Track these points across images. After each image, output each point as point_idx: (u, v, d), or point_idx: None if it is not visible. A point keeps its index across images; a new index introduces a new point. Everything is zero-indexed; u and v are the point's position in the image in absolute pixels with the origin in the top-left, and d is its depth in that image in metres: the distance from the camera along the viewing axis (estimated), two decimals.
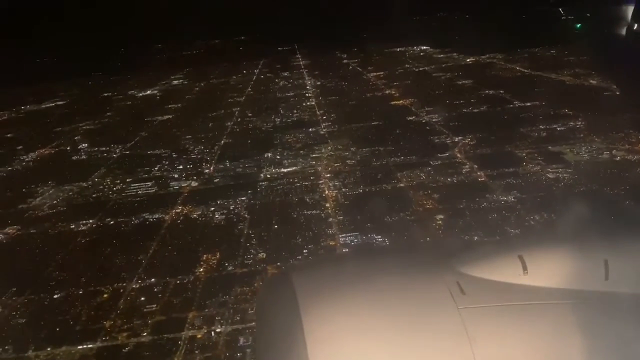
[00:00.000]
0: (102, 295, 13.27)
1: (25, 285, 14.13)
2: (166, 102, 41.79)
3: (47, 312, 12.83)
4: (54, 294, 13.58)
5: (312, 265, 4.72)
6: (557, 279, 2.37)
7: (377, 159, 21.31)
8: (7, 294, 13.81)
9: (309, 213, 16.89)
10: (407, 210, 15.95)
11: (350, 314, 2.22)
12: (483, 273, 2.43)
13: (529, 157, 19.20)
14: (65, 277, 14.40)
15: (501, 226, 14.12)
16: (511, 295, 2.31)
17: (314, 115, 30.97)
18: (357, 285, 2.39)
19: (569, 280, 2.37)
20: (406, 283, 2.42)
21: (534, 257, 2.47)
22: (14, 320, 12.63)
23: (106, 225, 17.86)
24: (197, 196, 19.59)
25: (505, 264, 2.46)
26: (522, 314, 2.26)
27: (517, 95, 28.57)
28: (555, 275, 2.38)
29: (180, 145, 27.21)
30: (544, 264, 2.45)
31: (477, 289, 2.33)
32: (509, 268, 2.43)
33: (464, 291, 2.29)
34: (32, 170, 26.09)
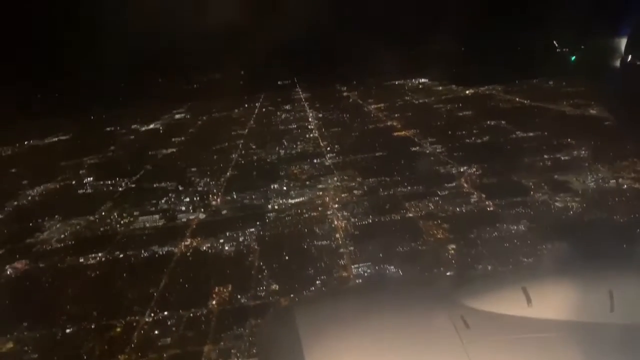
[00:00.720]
0: (115, 329, 13.17)
1: (36, 320, 14.02)
2: (169, 135, 42.04)
3: (59, 347, 12.73)
4: (66, 328, 13.47)
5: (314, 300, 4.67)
6: (562, 311, 2.34)
7: (384, 189, 21.43)
8: (18, 329, 13.67)
9: (319, 244, 16.90)
10: (418, 240, 15.99)
11: (353, 350, 2.20)
12: (487, 306, 2.42)
13: (535, 186, 19.34)
14: (76, 311, 14.29)
15: (514, 255, 14.14)
16: (516, 329, 2.29)
17: (317, 147, 31.21)
18: (359, 321, 2.38)
19: (574, 312, 2.33)
20: (410, 318, 2.43)
21: (538, 288, 2.44)
22: (27, 355, 12.52)
23: (116, 258, 17.81)
24: (205, 228, 19.60)
25: (509, 296, 2.45)
26: (528, 348, 2.23)
27: (518, 126, 28.87)
28: (560, 307, 2.35)
29: (186, 178, 27.29)
30: (548, 295, 2.43)
31: (481, 323, 2.31)
32: (513, 300, 2.41)
33: (468, 325, 2.27)
34: (39, 204, 26.09)
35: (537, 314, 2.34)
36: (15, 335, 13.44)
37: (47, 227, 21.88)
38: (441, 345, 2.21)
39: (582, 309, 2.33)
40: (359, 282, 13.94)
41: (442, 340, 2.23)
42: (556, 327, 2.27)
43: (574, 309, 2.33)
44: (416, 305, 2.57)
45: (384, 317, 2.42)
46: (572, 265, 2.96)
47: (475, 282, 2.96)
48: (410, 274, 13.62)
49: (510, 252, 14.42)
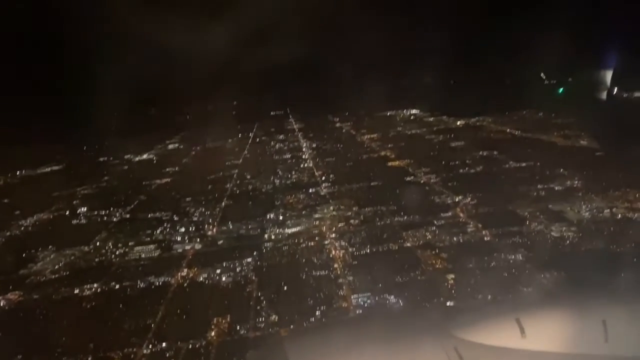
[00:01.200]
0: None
1: (31, 352, 13.80)
2: (163, 166, 42.06)
3: None
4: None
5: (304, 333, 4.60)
6: (555, 342, 2.33)
7: (380, 219, 21.51)
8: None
9: (317, 274, 16.86)
10: (417, 270, 16.01)
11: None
12: (481, 338, 2.41)
13: (531, 215, 19.52)
14: (72, 344, 14.03)
15: (513, 285, 14.19)
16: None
17: (312, 177, 31.36)
18: (352, 352, 2.39)
19: (568, 343, 2.32)
20: (403, 349, 2.41)
21: (531, 319, 2.45)
22: None
23: (111, 289, 17.62)
24: (201, 258, 19.51)
25: (502, 327, 2.45)
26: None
27: (511, 156, 29.28)
28: (554, 338, 2.35)
29: (181, 208, 27.22)
30: (541, 326, 2.43)
31: (475, 355, 2.30)
32: (506, 332, 2.41)
33: (462, 356, 2.27)
34: (32, 235, 25.85)
35: (531, 345, 2.32)
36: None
37: (41, 257, 21.65)
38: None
39: (576, 339, 2.32)
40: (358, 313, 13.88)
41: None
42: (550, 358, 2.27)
43: (568, 340, 2.31)
44: (409, 337, 2.53)
45: (377, 349, 2.38)
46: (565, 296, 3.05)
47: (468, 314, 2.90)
48: (411, 304, 13.59)
49: (509, 281, 14.45)
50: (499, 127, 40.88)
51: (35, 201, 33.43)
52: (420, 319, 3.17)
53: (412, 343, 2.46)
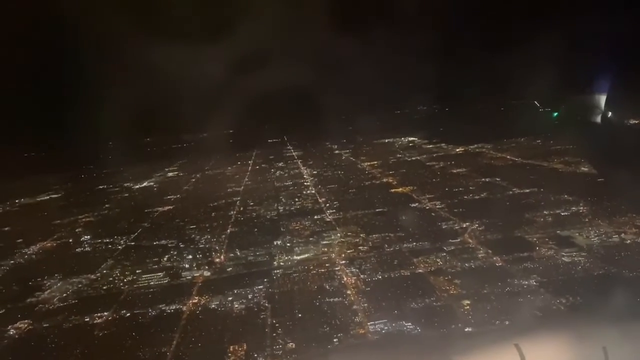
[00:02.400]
0: None
1: None
2: (164, 193, 42.11)
3: None
4: None
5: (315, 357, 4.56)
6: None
7: (389, 245, 21.55)
8: None
9: (331, 300, 16.82)
10: (431, 296, 16.02)
11: None
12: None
13: (540, 241, 19.65)
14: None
15: (529, 310, 14.22)
16: None
17: (316, 203, 31.45)
18: None
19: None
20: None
21: (530, 345, 2.43)
22: None
23: (122, 317, 17.47)
24: (212, 286, 19.43)
25: (502, 353, 2.44)
26: None
27: (513, 183, 29.54)
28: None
29: (186, 235, 27.19)
30: (541, 352, 2.41)
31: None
32: (506, 357, 2.40)
33: None
34: (36, 263, 25.68)
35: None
36: None
37: (48, 286, 21.50)
38: None
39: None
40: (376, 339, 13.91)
41: None
42: None
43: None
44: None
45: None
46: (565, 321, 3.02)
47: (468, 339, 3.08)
48: (429, 331, 13.56)
49: (525, 307, 14.47)
50: (499, 154, 41.30)
51: (37, 229, 33.33)
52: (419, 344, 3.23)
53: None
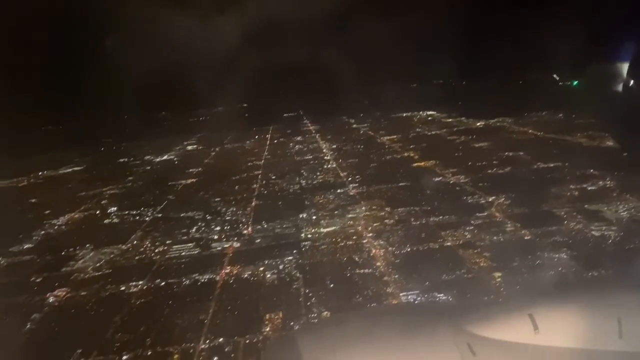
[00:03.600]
0: (172, 356, 13.27)
1: (90, 347, 14.08)
2: (185, 166, 42.46)
3: None
4: (122, 355, 13.55)
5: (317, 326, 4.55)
6: (569, 338, 2.33)
7: (415, 219, 21.72)
8: (73, 356, 13.73)
9: (361, 272, 17.11)
10: (462, 269, 16.22)
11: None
12: (493, 333, 2.43)
13: (568, 215, 19.69)
14: (129, 339, 14.38)
15: (562, 282, 14.36)
16: (523, 356, 2.30)
17: (338, 177, 31.63)
18: (364, 346, 2.42)
19: (581, 340, 2.31)
20: (416, 343, 2.44)
21: (544, 315, 2.45)
22: None
23: (157, 286, 17.94)
24: (242, 257, 19.79)
25: (515, 323, 2.46)
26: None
27: (537, 157, 29.44)
28: (568, 334, 2.35)
29: (212, 208, 27.55)
30: (555, 322, 2.42)
31: (487, 350, 2.33)
32: (519, 328, 2.41)
33: (474, 352, 2.30)
34: (66, 233, 26.24)
35: (544, 341, 2.32)
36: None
37: (81, 256, 22.00)
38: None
39: (590, 335, 2.30)
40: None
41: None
42: (563, 354, 2.26)
43: (582, 336, 2.30)
44: (422, 332, 2.54)
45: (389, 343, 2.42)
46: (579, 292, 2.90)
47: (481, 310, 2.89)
48: (462, 302, 13.77)
49: (557, 279, 14.62)
50: (521, 128, 40.99)
51: (63, 201, 33.93)
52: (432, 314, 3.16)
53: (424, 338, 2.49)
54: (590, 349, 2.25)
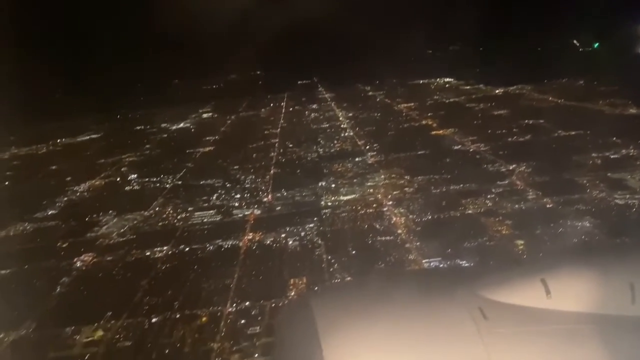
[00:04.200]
0: (200, 318, 13.59)
1: (119, 310, 14.45)
2: (202, 134, 42.58)
3: (150, 335, 13.16)
4: (151, 318, 13.89)
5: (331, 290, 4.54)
6: (581, 303, 2.31)
7: (435, 187, 21.72)
8: (104, 318, 14.13)
9: (383, 239, 17.24)
10: (484, 236, 16.28)
11: (369, 340, 2.21)
12: (505, 297, 2.40)
13: (590, 184, 19.56)
14: (157, 302, 14.73)
15: (577, 249, 14.33)
16: (534, 320, 2.27)
17: (355, 146, 31.57)
18: (376, 309, 2.39)
19: (594, 304, 2.30)
20: (427, 308, 2.42)
21: (557, 280, 2.41)
22: (120, 343, 12.95)
23: (182, 252, 18.26)
24: (264, 223, 20.02)
25: (527, 288, 2.42)
26: (546, 339, 2.21)
27: (558, 125, 29.04)
28: (580, 298, 2.32)
29: (231, 175, 27.75)
30: (567, 287, 2.39)
31: (499, 314, 2.29)
32: (531, 292, 2.38)
33: (486, 316, 2.26)
34: (89, 200, 26.66)
35: (556, 306, 2.31)
36: (102, 324, 13.87)
37: (104, 222, 22.39)
38: (458, 335, 2.21)
39: (602, 300, 2.30)
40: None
41: (459, 331, 2.22)
42: (575, 319, 2.25)
43: (593, 301, 2.30)
44: (434, 296, 2.54)
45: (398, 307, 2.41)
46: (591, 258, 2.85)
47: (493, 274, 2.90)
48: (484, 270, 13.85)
49: (580, 247, 14.60)
50: (541, 95, 40.36)
51: (84, 168, 34.32)
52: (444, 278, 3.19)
53: (435, 301, 2.48)
54: (601, 313, 2.26)
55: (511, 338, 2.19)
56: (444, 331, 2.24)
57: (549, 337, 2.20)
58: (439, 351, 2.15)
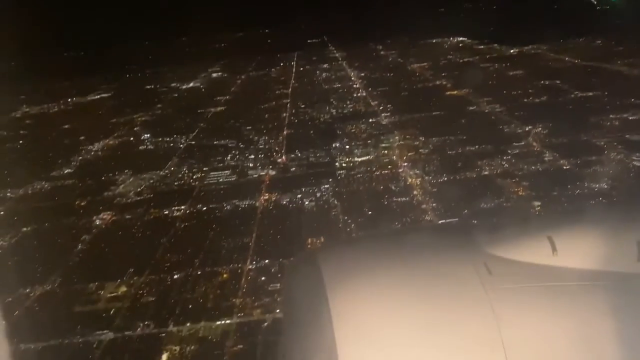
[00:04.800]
0: (221, 275, 13.88)
1: (141, 267, 14.78)
2: (213, 94, 42.36)
3: (173, 290, 13.49)
4: (173, 274, 14.21)
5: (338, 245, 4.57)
6: (587, 260, 2.30)
7: (450, 148, 21.66)
8: (126, 274, 14.46)
9: (399, 200, 17.35)
10: (500, 198, 16.34)
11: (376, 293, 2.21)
12: (511, 254, 2.38)
13: (608, 145, 19.44)
14: (178, 259, 15.03)
15: (587, 207, 14.38)
16: (540, 277, 2.26)
17: (369, 106, 31.36)
18: (383, 265, 2.39)
19: (599, 262, 2.29)
20: (433, 263, 2.41)
21: (563, 238, 2.38)
22: (144, 298, 13.29)
23: (199, 211, 18.49)
24: (279, 184, 20.15)
25: (534, 244, 2.41)
26: (551, 296, 2.21)
27: (575, 86, 28.66)
28: (586, 256, 2.31)
29: (244, 136, 27.76)
30: (574, 245, 2.37)
31: (504, 270, 2.29)
32: (537, 249, 2.37)
33: (491, 272, 2.25)
34: (104, 159, 26.86)
35: (561, 263, 2.30)
36: (125, 280, 14.21)
37: (121, 181, 22.60)
38: (462, 291, 2.21)
39: (608, 258, 2.29)
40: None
41: (463, 287, 2.23)
42: (580, 276, 2.25)
43: (598, 259, 2.29)
44: (440, 251, 2.53)
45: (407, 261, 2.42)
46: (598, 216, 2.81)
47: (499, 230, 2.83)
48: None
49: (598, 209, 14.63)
50: (557, 55, 39.62)
51: (96, 127, 34.43)
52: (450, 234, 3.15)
53: (441, 257, 2.47)
54: (607, 270, 2.25)
55: (515, 293, 2.20)
56: (448, 286, 2.25)
57: (553, 293, 2.21)
58: (443, 305, 2.17)
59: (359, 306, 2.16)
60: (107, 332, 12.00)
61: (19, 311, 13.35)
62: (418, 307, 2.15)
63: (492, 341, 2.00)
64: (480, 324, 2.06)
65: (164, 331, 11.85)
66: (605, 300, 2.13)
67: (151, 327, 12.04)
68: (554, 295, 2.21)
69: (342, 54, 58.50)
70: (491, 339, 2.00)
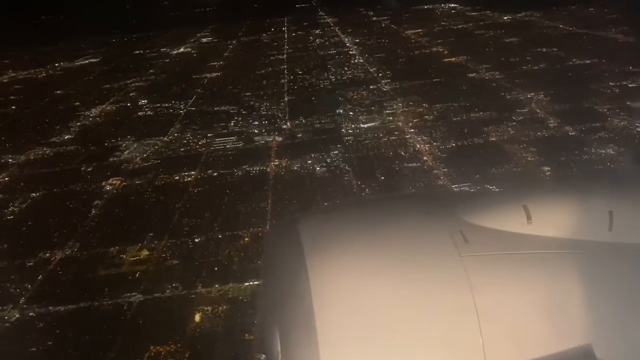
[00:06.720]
0: (243, 239, 14.11)
1: (160, 231, 14.93)
2: (206, 59, 41.80)
3: (195, 253, 13.71)
4: (194, 238, 14.40)
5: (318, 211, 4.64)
6: (560, 229, 2.37)
7: (455, 115, 21.91)
8: (146, 238, 14.61)
9: (410, 165, 17.63)
10: (511, 163, 16.71)
11: (353, 259, 2.27)
12: (487, 222, 2.44)
13: (611, 112, 19.84)
14: (196, 223, 15.19)
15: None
16: (514, 244, 2.32)
17: (368, 73, 31.33)
18: (360, 231, 2.46)
19: (572, 231, 2.36)
20: (411, 230, 2.47)
21: (538, 207, 2.46)
22: (168, 262, 13.49)
23: (210, 176, 18.57)
24: (287, 150, 20.26)
25: (509, 213, 2.47)
26: (525, 263, 2.27)
27: (572, 53, 28.93)
28: (559, 225, 2.38)
29: (244, 102, 27.65)
30: (548, 214, 2.44)
31: (480, 238, 2.34)
32: (513, 218, 2.43)
33: (467, 239, 2.30)
34: (103, 125, 26.59)
35: (535, 231, 2.37)
36: (145, 243, 14.36)
37: (124, 146, 22.49)
38: (438, 258, 2.25)
39: (581, 227, 2.37)
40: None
41: (439, 254, 2.27)
42: (554, 244, 2.32)
43: (572, 228, 2.37)
44: (418, 218, 2.58)
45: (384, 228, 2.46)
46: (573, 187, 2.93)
47: (476, 199, 2.93)
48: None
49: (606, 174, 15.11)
50: (551, 22, 39.71)
51: (90, 93, 34.01)
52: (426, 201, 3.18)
53: (418, 224, 2.52)
54: (579, 239, 2.34)
55: (490, 260, 2.25)
56: (425, 253, 2.30)
57: (527, 261, 2.28)
58: (419, 271, 2.21)
59: (336, 272, 2.22)
60: (136, 294, 12.19)
61: (42, 275, 13.45)
62: (394, 273, 2.21)
63: (466, 307, 2.05)
64: (454, 290, 2.10)
65: (194, 292, 12.09)
66: (577, 267, 2.21)
67: (179, 289, 12.27)
68: (527, 263, 2.28)
69: (333, 19, 57.85)
70: (465, 305, 2.05)
